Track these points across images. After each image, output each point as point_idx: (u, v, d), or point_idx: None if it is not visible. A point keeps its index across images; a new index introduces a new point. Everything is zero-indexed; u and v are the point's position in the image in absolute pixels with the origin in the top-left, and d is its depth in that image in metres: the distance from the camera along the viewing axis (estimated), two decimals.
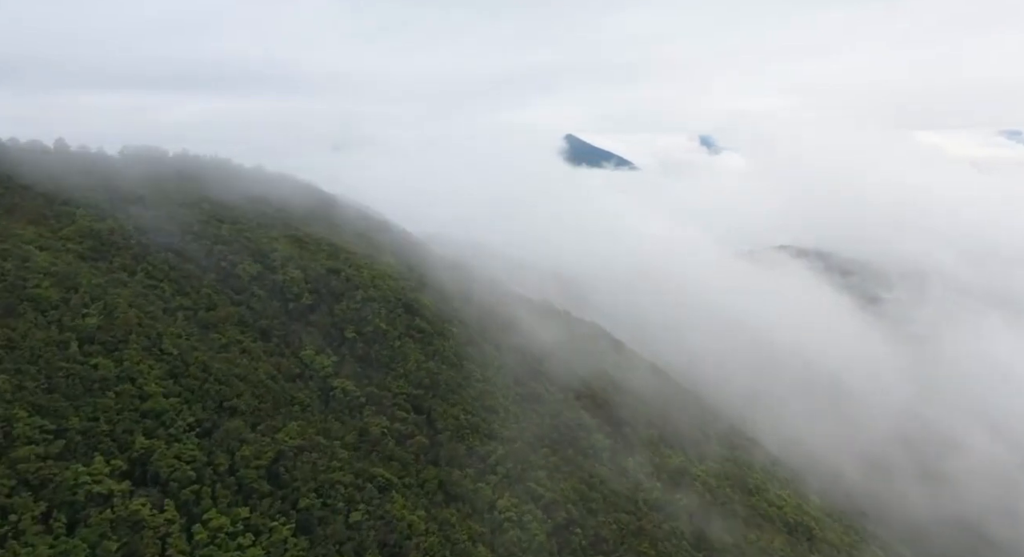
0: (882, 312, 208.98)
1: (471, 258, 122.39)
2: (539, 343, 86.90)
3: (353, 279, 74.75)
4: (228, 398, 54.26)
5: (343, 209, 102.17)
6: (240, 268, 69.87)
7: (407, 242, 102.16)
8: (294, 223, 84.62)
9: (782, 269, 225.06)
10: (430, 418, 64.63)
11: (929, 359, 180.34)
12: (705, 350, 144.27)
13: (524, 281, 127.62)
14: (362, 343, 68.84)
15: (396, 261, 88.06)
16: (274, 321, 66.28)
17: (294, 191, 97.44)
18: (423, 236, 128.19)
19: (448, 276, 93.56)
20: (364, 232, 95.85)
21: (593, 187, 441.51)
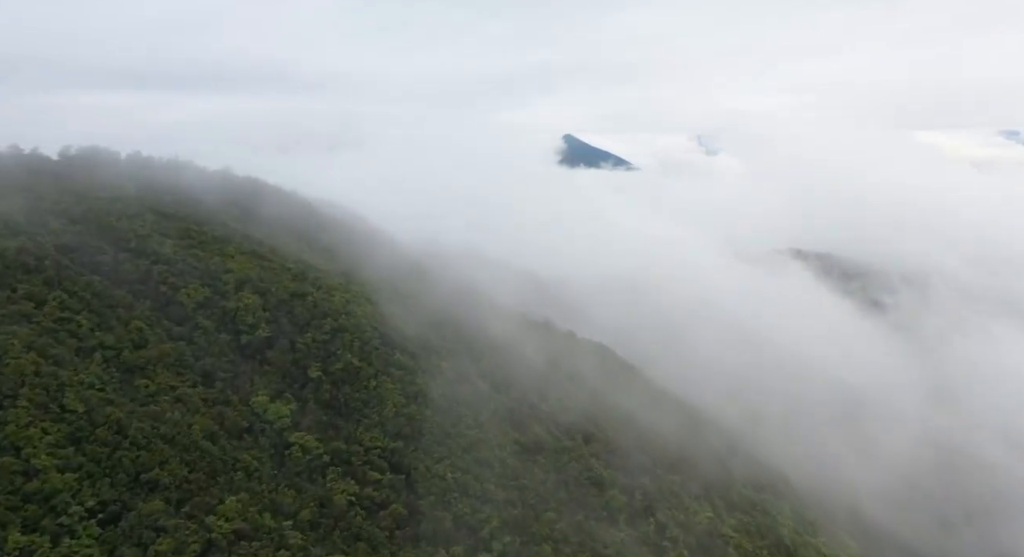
0: (887, 317, 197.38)
1: (464, 269, 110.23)
2: (541, 374, 74.57)
3: (322, 305, 62.20)
4: (148, 468, 41.88)
5: (321, 218, 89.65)
6: (183, 293, 57.34)
7: (392, 255, 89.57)
8: (257, 236, 72.08)
9: (784, 273, 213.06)
10: (410, 479, 52.19)
11: (941, 369, 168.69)
12: (707, 359, 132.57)
13: (519, 292, 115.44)
14: (329, 384, 56.36)
15: (377, 278, 75.56)
16: (221, 360, 53.84)
17: (263, 198, 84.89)
18: (413, 244, 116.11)
19: (438, 295, 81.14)
20: (343, 244, 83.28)
21: (590, 188, 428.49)
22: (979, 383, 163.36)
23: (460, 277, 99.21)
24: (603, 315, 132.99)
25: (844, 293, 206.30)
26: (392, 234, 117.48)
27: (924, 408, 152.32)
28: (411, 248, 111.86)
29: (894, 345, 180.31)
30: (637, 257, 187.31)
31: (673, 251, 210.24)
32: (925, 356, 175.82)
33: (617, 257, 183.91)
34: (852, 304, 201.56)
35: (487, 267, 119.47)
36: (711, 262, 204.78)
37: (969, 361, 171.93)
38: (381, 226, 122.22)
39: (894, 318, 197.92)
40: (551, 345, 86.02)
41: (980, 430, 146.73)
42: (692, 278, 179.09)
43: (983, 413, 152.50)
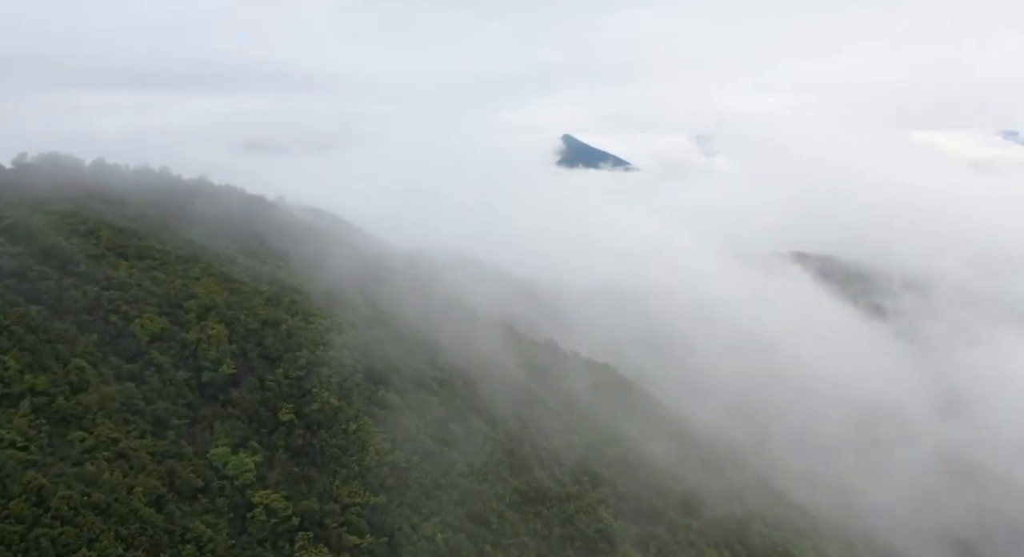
0: (890, 324, 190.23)
1: (456, 280, 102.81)
2: (542, 403, 67.24)
3: (297, 334, 54.70)
4: (72, 549, 34.54)
5: (307, 231, 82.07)
6: (137, 324, 49.86)
7: (380, 268, 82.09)
8: (228, 255, 64.58)
9: (785, 278, 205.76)
10: (393, 542, 44.72)
11: (950, 378, 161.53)
12: (708, 371, 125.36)
13: (515, 305, 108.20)
14: (303, 429, 48.92)
15: (361, 297, 68.09)
16: (176, 403, 46.41)
17: (241, 210, 77.36)
18: (404, 254, 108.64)
19: (429, 314, 73.76)
20: (328, 259, 75.77)
21: (588, 190, 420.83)
22: (990, 394, 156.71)
23: (452, 290, 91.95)
24: (600, 325, 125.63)
25: (846, 298, 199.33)
26: (381, 242, 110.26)
27: (936, 422, 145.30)
28: (401, 258, 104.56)
29: (900, 353, 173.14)
30: (635, 262, 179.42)
31: (672, 256, 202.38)
32: (932, 365, 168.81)
33: (614, 263, 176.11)
34: (855, 310, 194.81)
35: (481, 277, 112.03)
36: (710, 267, 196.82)
37: (978, 370, 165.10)
38: (372, 233, 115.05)
39: (898, 324, 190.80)
40: (553, 368, 78.70)
41: (996, 445, 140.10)
42: (691, 285, 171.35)
43: (997, 426, 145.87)
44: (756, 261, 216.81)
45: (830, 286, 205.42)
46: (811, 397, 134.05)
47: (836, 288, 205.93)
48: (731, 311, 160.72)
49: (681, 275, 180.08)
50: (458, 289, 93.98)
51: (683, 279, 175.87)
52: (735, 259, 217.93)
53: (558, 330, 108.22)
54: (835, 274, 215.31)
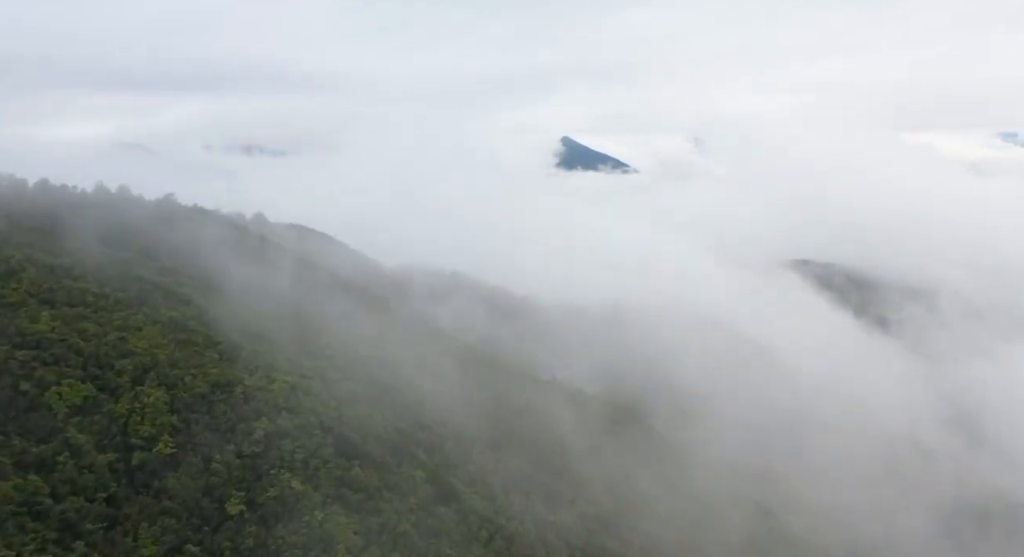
0: (897, 337, 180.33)
1: (444, 302, 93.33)
2: (549, 465, 57.71)
3: (256, 398, 45.06)
4: None
5: (280, 257, 72.26)
6: (53, 393, 40.29)
7: (364, 302, 72.37)
8: (184, 294, 54.88)
9: (787, 288, 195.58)
10: None
11: (963, 397, 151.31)
12: (707, 390, 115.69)
13: (501, 323, 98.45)
14: (256, 523, 39.28)
15: (337, 344, 58.39)
16: (95, 499, 36.88)
17: (212, 236, 67.62)
18: (389, 272, 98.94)
19: (417, 354, 64.16)
20: (304, 294, 66.02)
21: (584, 193, 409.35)
22: (1004, 413, 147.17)
23: (440, 317, 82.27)
24: (595, 343, 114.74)
25: (849, 308, 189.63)
26: (368, 263, 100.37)
27: (953, 445, 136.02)
28: (389, 280, 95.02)
29: (909, 369, 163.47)
30: (631, 275, 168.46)
31: (670, 267, 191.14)
32: (942, 381, 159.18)
33: (610, 275, 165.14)
34: (860, 323, 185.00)
35: (471, 298, 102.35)
36: (710, 279, 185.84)
37: (989, 387, 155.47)
38: (360, 251, 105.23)
39: (904, 337, 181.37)
40: (557, 413, 69.12)
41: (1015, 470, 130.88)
42: (691, 297, 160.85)
43: (1017, 451, 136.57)
44: (757, 270, 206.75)
45: (831, 295, 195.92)
46: (820, 418, 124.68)
47: (838, 297, 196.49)
48: (732, 326, 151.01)
49: (680, 287, 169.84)
50: (447, 317, 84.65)
51: (682, 292, 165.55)
52: (735, 269, 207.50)
53: (549, 350, 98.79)
54: (837, 283, 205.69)
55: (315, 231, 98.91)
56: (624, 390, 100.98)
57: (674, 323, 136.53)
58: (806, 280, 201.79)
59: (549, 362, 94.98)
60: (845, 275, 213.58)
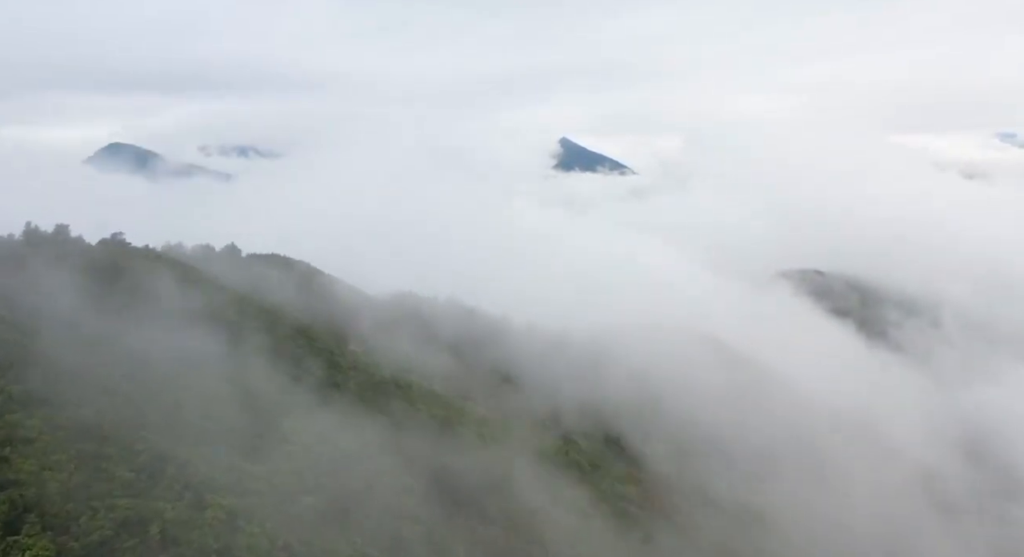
0: (900, 353, 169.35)
1: (443, 332, 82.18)
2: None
3: (179, 537, 33.97)
4: None
5: (246, 309, 60.79)
6: None
7: (335, 360, 60.94)
8: (111, 380, 43.38)
9: (787, 302, 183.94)
10: None
11: (977, 426, 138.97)
12: (705, 418, 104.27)
13: (480, 349, 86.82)
14: None
15: (294, 425, 46.91)
16: None
17: (166, 287, 56.11)
18: (379, 305, 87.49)
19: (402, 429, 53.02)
20: (258, 360, 54.33)
21: (578, 200, 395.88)
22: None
23: (424, 366, 71.05)
24: (579, 370, 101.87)
25: (851, 322, 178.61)
26: (352, 292, 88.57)
27: (978, 482, 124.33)
28: (374, 309, 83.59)
29: (921, 392, 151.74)
30: (620, 290, 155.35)
31: (662, 280, 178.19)
32: (955, 405, 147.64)
33: (597, 291, 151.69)
34: (863, 338, 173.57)
35: (459, 326, 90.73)
36: (704, 292, 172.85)
37: (1002, 412, 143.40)
38: (344, 280, 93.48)
39: (908, 353, 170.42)
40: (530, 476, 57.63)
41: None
42: (682, 314, 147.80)
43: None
44: (754, 281, 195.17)
45: (832, 307, 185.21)
46: (830, 447, 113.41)
47: (839, 309, 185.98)
48: (731, 345, 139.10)
49: (673, 303, 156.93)
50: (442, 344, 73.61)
51: (675, 308, 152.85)
52: (732, 280, 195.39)
53: (531, 378, 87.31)
54: (838, 294, 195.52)
55: (294, 261, 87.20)
56: (611, 420, 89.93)
57: (668, 343, 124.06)
58: (804, 292, 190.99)
59: (529, 393, 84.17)
60: (846, 285, 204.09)
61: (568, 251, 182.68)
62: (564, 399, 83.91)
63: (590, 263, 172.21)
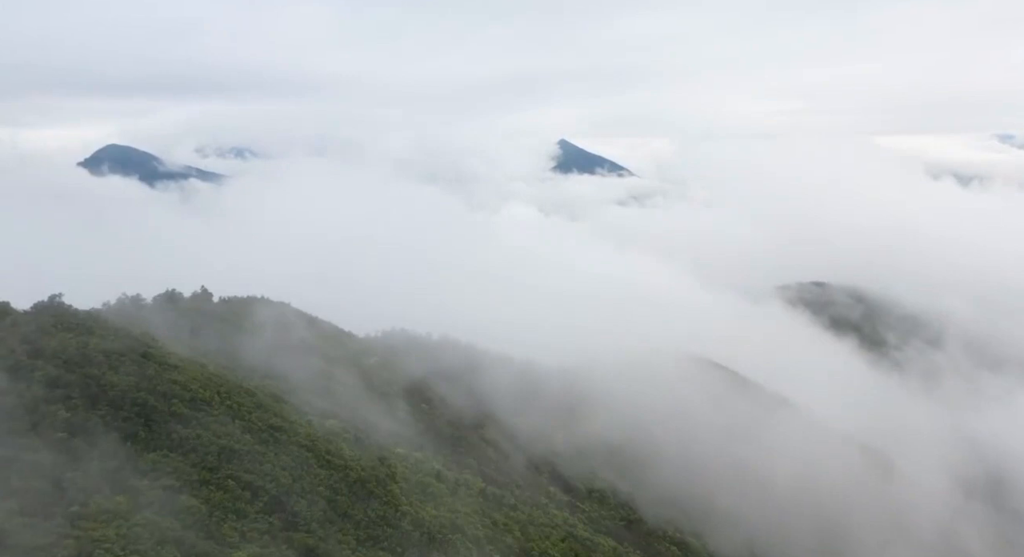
0: (903, 378, 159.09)
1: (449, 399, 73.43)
2: None
3: None
4: None
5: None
6: None
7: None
8: None
9: (785, 319, 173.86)
10: None
11: (993, 457, 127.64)
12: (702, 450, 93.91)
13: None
14: None
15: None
16: None
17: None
18: (368, 347, 77.85)
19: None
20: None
21: (571, 206, 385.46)
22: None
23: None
24: (561, 403, 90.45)
25: (851, 338, 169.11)
26: (335, 332, 78.41)
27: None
28: (364, 350, 74.37)
29: (930, 423, 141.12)
30: (608, 309, 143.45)
31: (653, 296, 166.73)
32: (967, 436, 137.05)
33: (583, 312, 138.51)
34: (866, 358, 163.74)
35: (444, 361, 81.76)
36: (697, 309, 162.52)
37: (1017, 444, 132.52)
38: (334, 325, 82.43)
39: (910, 376, 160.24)
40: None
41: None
42: (679, 337, 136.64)
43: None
44: (749, 296, 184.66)
45: (827, 321, 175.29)
46: (845, 483, 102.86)
47: (835, 324, 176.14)
48: (729, 368, 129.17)
49: (670, 321, 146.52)
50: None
51: (672, 326, 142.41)
52: (726, 295, 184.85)
53: (505, 419, 77.71)
54: (836, 309, 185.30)
55: (272, 302, 75.10)
56: (599, 468, 79.79)
57: (663, 371, 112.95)
58: (803, 307, 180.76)
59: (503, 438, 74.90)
60: (847, 298, 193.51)
61: (556, 269, 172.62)
62: (541, 444, 75.48)
63: (579, 282, 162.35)
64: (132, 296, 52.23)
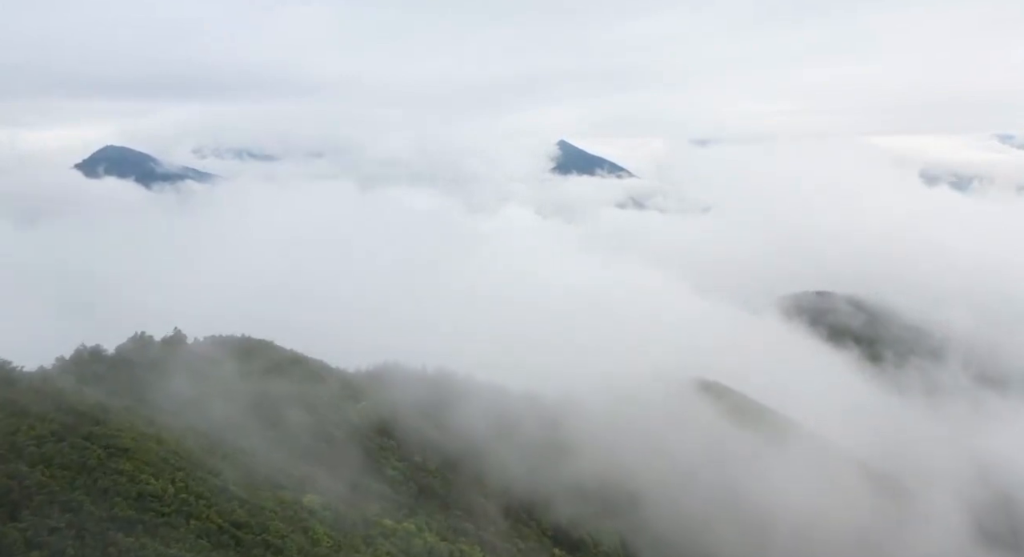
0: (905, 396, 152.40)
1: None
2: None
3: None
4: None
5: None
6: None
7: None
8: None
9: (784, 332, 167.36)
10: None
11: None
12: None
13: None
14: None
15: None
16: None
17: None
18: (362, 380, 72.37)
19: None
20: None
21: (564, 212, 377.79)
22: None
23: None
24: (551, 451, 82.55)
25: (852, 349, 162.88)
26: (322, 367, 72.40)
27: None
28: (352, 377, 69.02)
29: (939, 446, 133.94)
30: (604, 332, 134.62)
31: (645, 310, 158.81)
32: (975, 458, 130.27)
33: (577, 334, 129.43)
34: (868, 372, 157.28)
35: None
36: (701, 326, 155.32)
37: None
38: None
39: (913, 394, 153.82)
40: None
41: None
42: (676, 354, 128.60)
43: None
44: (748, 308, 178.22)
45: (826, 333, 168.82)
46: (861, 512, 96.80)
47: (835, 335, 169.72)
48: (730, 388, 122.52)
49: (667, 338, 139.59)
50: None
51: (669, 343, 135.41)
52: (723, 307, 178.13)
53: (480, 460, 70.98)
54: (837, 320, 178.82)
55: (254, 341, 68.51)
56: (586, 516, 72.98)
57: (658, 397, 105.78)
58: (805, 320, 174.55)
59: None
60: (847, 308, 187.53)
61: (548, 283, 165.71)
62: (521, 488, 69.64)
63: (572, 296, 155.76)
64: (91, 348, 47.24)
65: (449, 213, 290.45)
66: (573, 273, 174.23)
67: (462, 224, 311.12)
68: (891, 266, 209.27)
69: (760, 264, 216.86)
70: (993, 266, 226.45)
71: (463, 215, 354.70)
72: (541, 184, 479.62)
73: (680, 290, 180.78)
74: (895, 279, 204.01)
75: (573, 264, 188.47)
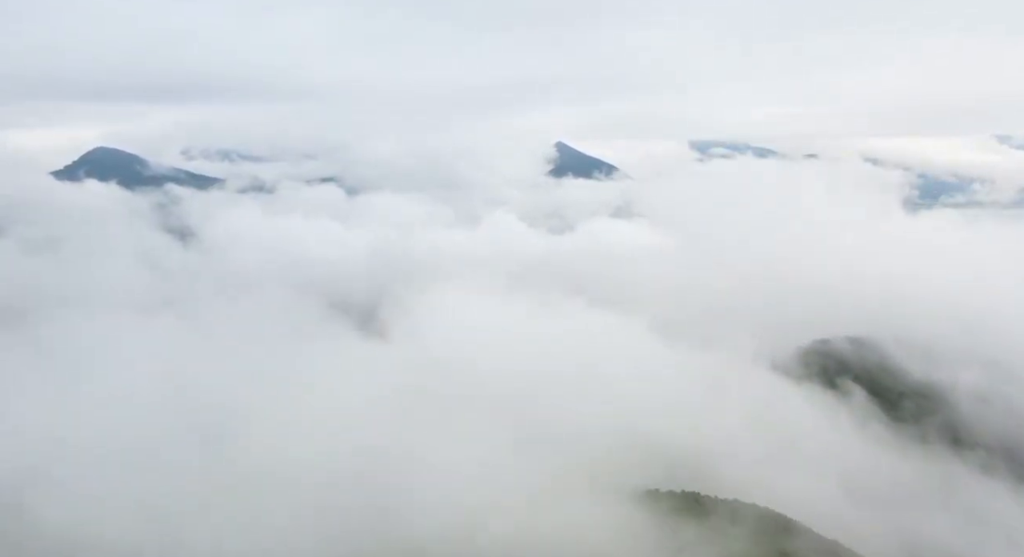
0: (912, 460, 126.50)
1: None
2: None
3: None
4: None
5: None
6: None
7: None
8: None
9: (781, 391, 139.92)
10: None
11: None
12: None
13: None
14: None
15: None
16: None
17: None
18: None
19: None
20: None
21: (567, 212, 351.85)
22: None
23: None
24: None
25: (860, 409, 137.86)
26: None
27: None
28: None
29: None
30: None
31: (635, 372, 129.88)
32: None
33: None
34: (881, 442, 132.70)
35: None
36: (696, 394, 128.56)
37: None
38: None
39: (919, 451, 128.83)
40: None
41: None
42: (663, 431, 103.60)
43: None
44: (738, 363, 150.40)
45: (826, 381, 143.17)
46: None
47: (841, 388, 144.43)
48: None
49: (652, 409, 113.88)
50: None
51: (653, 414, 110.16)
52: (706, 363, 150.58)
53: None
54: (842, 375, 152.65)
55: None
56: None
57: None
58: (799, 376, 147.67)
59: None
60: (853, 362, 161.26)
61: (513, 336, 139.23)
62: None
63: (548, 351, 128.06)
64: None
65: (425, 228, 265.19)
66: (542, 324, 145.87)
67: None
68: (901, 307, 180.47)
69: (749, 308, 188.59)
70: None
71: (448, 225, 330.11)
72: (534, 189, 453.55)
73: (648, 339, 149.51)
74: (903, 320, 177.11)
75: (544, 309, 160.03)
